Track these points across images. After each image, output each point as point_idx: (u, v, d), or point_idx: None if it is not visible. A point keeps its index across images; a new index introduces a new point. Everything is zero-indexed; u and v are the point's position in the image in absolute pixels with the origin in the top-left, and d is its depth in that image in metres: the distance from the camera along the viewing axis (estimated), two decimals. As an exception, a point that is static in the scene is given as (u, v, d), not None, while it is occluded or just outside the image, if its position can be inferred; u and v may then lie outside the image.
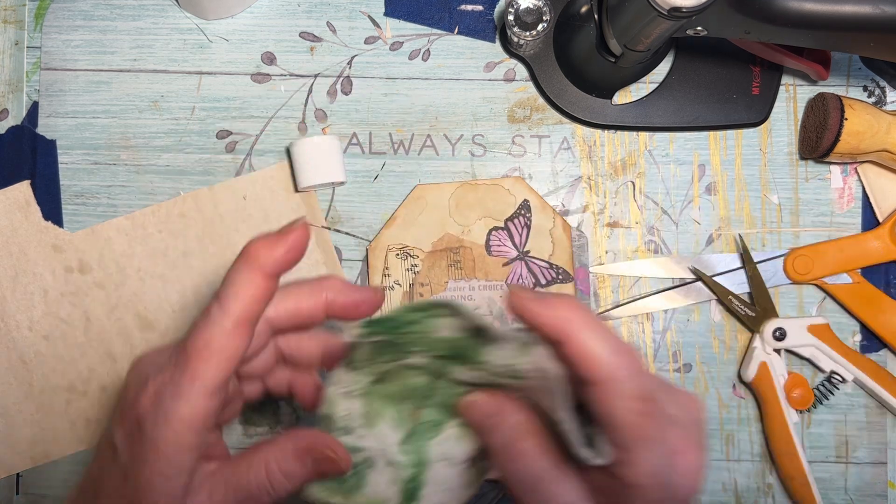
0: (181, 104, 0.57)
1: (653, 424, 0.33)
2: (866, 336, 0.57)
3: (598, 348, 0.33)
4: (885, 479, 0.56)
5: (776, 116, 0.57)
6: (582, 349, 0.33)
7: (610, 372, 0.33)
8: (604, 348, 0.33)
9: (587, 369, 0.33)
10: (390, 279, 0.56)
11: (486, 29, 0.57)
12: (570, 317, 0.33)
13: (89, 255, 0.56)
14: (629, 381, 0.33)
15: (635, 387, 0.33)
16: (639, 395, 0.33)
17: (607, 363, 0.33)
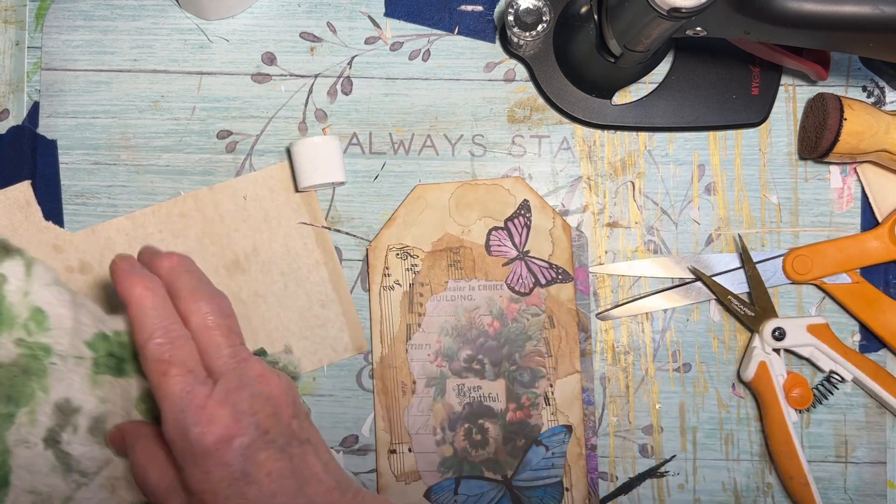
0: (181, 104, 0.57)
1: (173, 383, 0.40)
2: (865, 336, 0.57)
3: (140, 320, 0.41)
4: (884, 479, 0.56)
5: (776, 116, 0.57)
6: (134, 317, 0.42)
7: (143, 338, 0.41)
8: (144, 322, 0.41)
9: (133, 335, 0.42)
10: (390, 279, 0.56)
11: (486, 29, 0.57)
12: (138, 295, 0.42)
13: (90, 255, 0.56)
14: (155, 346, 0.41)
15: (159, 350, 0.41)
16: (161, 357, 0.40)
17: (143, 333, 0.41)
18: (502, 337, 0.56)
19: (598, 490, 0.56)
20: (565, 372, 0.55)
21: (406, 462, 0.55)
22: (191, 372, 0.41)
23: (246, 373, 0.42)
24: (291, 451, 0.41)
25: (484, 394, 0.55)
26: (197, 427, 0.39)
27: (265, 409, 0.41)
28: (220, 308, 0.43)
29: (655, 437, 0.57)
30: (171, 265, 0.44)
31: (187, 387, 0.40)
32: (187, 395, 0.40)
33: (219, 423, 0.39)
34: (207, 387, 0.41)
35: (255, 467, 0.40)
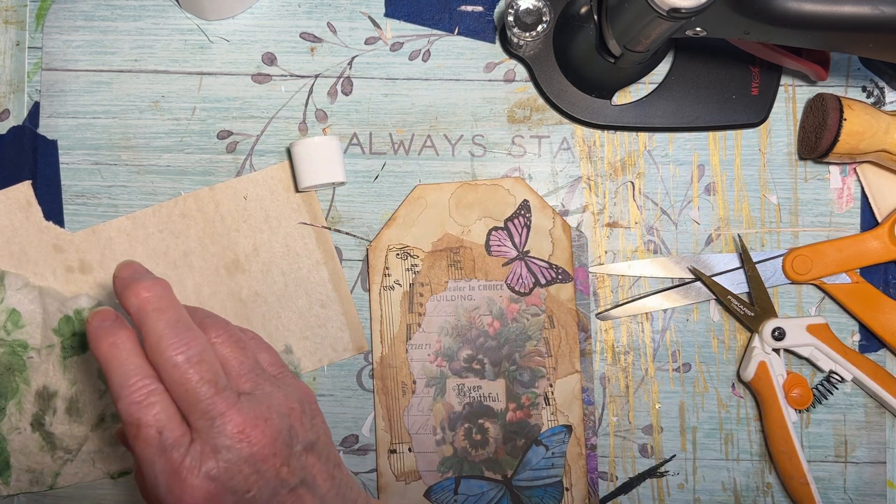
0: (182, 104, 0.57)
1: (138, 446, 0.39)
2: (865, 336, 0.57)
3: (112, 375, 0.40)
4: (884, 479, 0.57)
5: (775, 117, 0.57)
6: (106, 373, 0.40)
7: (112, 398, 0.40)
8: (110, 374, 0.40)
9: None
10: (390, 279, 0.56)
11: (485, 29, 0.57)
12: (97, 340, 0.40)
13: (90, 255, 0.56)
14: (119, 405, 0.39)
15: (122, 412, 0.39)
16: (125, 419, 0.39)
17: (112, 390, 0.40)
18: (502, 337, 0.56)
19: (597, 490, 0.56)
20: (565, 372, 0.55)
21: (406, 462, 0.55)
22: (161, 433, 0.38)
23: (223, 431, 0.38)
24: (280, 501, 0.40)
25: (484, 394, 0.55)
26: (170, 496, 0.38)
27: (244, 471, 0.38)
28: (189, 356, 0.39)
29: (655, 437, 0.57)
30: (138, 304, 0.40)
31: (157, 451, 0.38)
32: (158, 459, 0.38)
33: (192, 496, 0.37)
34: (179, 451, 0.38)
35: None
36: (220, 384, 0.39)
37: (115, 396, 0.39)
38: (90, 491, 0.56)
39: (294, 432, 0.40)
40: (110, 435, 0.55)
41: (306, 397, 0.43)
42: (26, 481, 0.55)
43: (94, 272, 0.56)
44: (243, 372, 0.41)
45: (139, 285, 0.40)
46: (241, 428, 0.38)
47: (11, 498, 0.55)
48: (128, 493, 0.56)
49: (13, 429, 0.54)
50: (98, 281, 0.55)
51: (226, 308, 0.56)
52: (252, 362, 0.42)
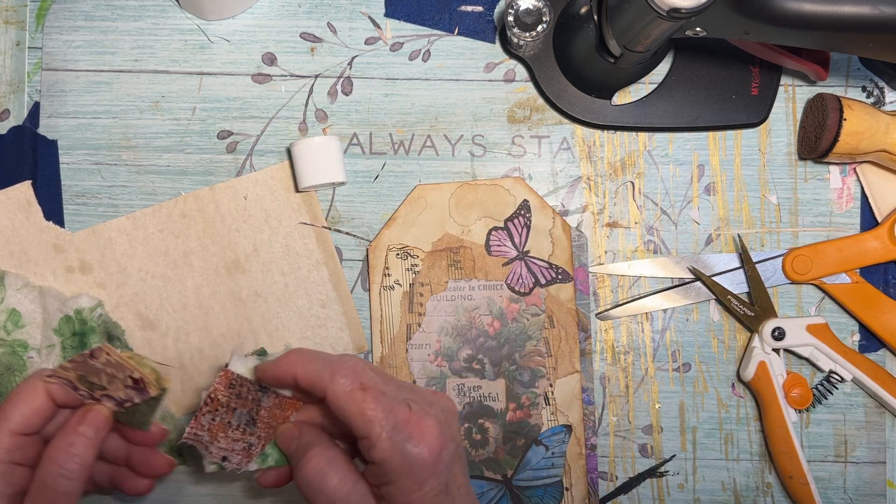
0: (182, 104, 0.57)
1: (375, 405, 0.40)
2: (865, 336, 0.57)
3: (315, 370, 0.42)
4: (883, 479, 0.57)
5: (775, 117, 0.57)
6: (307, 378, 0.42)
7: (326, 380, 0.41)
8: (321, 369, 0.42)
9: (315, 389, 0.42)
10: (390, 279, 0.56)
11: (485, 29, 0.57)
12: (294, 360, 0.43)
13: (90, 255, 0.56)
14: (344, 378, 0.41)
15: (350, 381, 0.41)
16: (355, 386, 0.41)
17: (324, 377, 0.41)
18: (502, 337, 0.56)
19: (597, 490, 0.56)
20: (565, 372, 0.55)
21: (406, 462, 0.55)
22: (383, 393, 0.41)
23: (424, 394, 0.43)
24: (466, 468, 0.43)
25: (484, 393, 0.55)
26: (411, 441, 0.40)
27: (454, 424, 0.43)
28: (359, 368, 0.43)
29: (655, 437, 0.57)
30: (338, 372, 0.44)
31: (387, 406, 0.41)
32: (391, 413, 0.40)
33: (431, 436, 0.40)
34: (404, 405, 0.41)
35: (452, 480, 0.41)
36: None
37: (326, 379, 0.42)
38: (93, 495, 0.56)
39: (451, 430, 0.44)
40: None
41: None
42: None
43: (94, 272, 0.56)
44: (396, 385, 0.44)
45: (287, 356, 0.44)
46: (433, 391, 0.44)
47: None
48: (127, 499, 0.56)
49: None
50: (98, 281, 0.55)
51: (226, 308, 0.56)
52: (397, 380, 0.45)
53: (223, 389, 0.44)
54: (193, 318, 0.56)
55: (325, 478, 0.41)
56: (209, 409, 0.44)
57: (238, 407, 0.45)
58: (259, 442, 0.45)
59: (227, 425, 0.44)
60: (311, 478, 0.41)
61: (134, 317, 0.55)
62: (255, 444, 0.45)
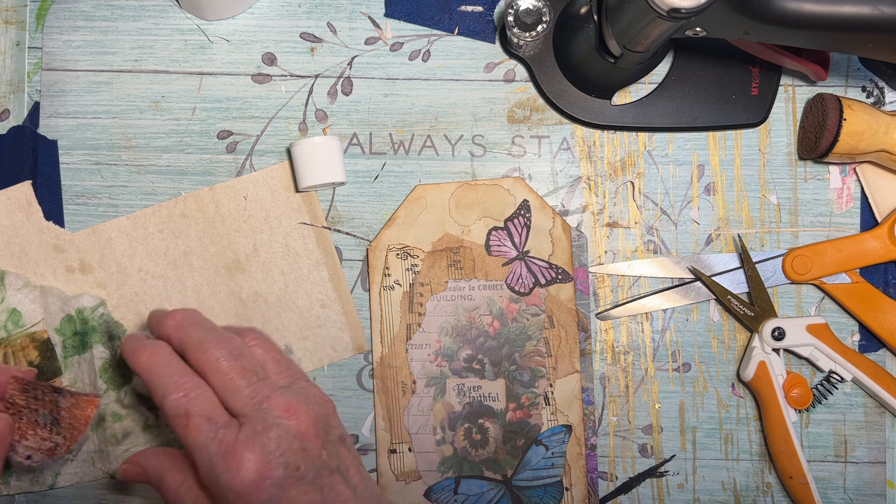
0: (182, 104, 0.57)
1: (196, 435, 0.41)
2: (865, 336, 0.57)
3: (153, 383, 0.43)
4: (883, 479, 0.57)
5: (775, 117, 0.57)
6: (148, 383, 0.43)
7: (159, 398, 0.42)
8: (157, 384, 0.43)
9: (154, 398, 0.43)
10: (390, 279, 0.56)
11: (485, 30, 0.57)
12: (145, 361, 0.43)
13: (90, 255, 0.56)
14: (172, 403, 0.42)
15: (175, 406, 0.42)
16: (179, 412, 0.41)
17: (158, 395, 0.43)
18: (502, 337, 0.56)
19: (597, 490, 0.56)
20: (565, 372, 0.55)
21: (406, 461, 0.55)
22: (210, 419, 0.41)
23: (270, 411, 0.42)
24: (321, 483, 0.42)
25: (484, 393, 0.55)
26: (227, 473, 0.40)
27: (293, 447, 0.41)
28: (230, 351, 0.43)
29: (655, 437, 0.57)
30: (175, 323, 0.45)
31: (210, 434, 0.41)
32: (212, 441, 0.41)
33: (247, 468, 0.40)
34: (232, 430, 0.41)
35: (288, 503, 0.41)
36: (261, 374, 0.44)
37: (160, 396, 0.42)
38: (90, 491, 0.56)
39: (330, 421, 0.44)
40: (111, 434, 0.55)
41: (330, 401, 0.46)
42: (27, 481, 0.55)
43: (95, 272, 0.56)
44: (280, 369, 0.45)
45: (173, 312, 0.46)
46: (286, 406, 0.42)
47: (11, 497, 0.55)
48: (128, 493, 0.56)
49: None
50: (98, 281, 0.55)
51: (226, 308, 0.56)
52: (286, 361, 0.45)
53: (19, 394, 0.46)
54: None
55: (182, 501, 0.43)
56: (12, 412, 0.46)
57: (39, 408, 0.46)
58: (64, 442, 0.47)
59: (35, 423, 0.46)
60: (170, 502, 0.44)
61: (134, 317, 0.56)
62: (60, 444, 0.47)
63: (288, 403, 0.42)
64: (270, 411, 0.42)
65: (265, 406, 0.42)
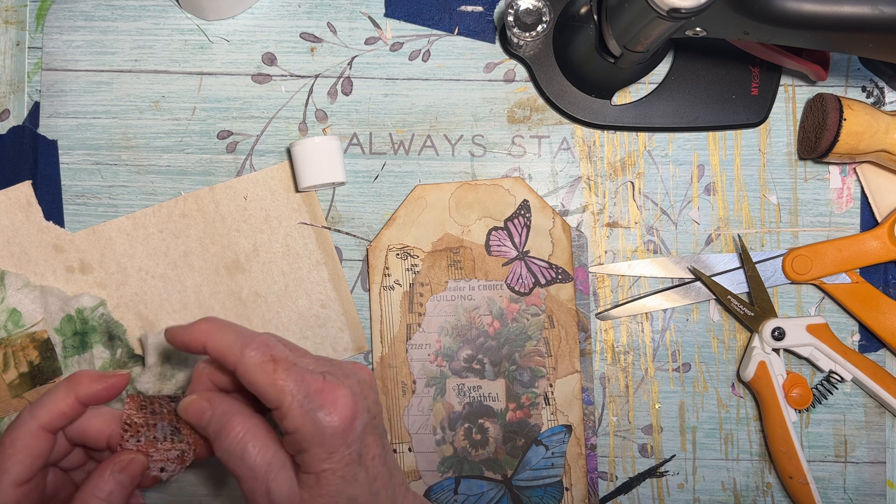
0: (182, 104, 0.57)
1: (286, 375, 0.41)
2: (865, 336, 0.57)
3: (226, 341, 0.42)
4: (883, 479, 0.57)
5: (775, 117, 0.57)
6: (216, 350, 0.42)
7: (237, 354, 0.41)
8: (231, 341, 0.42)
9: (225, 361, 0.42)
10: (390, 279, 0.56)
11: (485, 30, 0.57)
12: (205, 329, 0.42)
13: (90, 255, 0.56)
14: (255, 351, 0.41)
15: (260, 353, 0.41)
16: (265, 358, 0.41)
17: (234, 351, 0.41)
18: (502, 337, 0.56)
19: (597, 489, 0.56)
20: (565, 372, 0.55)
21: (406, 461, 0.55)
22: (294, 364, 0.41)
23: (341, 367, 0.43)
24: (382, 439, 0.43)
25: (484, 393, 0.55)
26: (323, 409, 0.40)
27: (370, 395, 0.43)
28: (271, 342, 0.43)
29: (655, 437, 0.57)
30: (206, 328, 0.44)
31: (299, 377, 0.41)
32: (303, 382, 0.41)
33: (343, 404, 0.41)
34: (317, 375, 0.41)
35: (365, 450, 0.42)
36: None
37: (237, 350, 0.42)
38: (90, 491, 0.56)
39: (373, 391, 0.45)
40: None
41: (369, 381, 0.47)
42: None
43: (95, 272, 0.56)
44: (313, 359, 0.44)
45: (198, 323, 0.44)
46: (353, 362, 0.44)
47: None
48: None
49: None
50: (98, 281, 0.55)
51: (226, 308, 0.56)
52: (314, 354, 0.45)
53: (136, 412, 0.45)
54: (193, 318, 0.55)
55: (246, 447, 0.41)
56: (130, 433, 0.45)
57: (158, 422, 0.46)
58: (190, 448, 0.46)
59: (154, 440, 0.45)
60: (231, 448, 0.42)
61: (134, 317, 0.55)
62: (186, 451, 0.46)
63: (352, 365, 0.44)
64: (342, 367, 0.43)
65: (336, 363, 0.43)
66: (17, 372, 0.54)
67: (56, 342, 0.54)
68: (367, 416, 0.42)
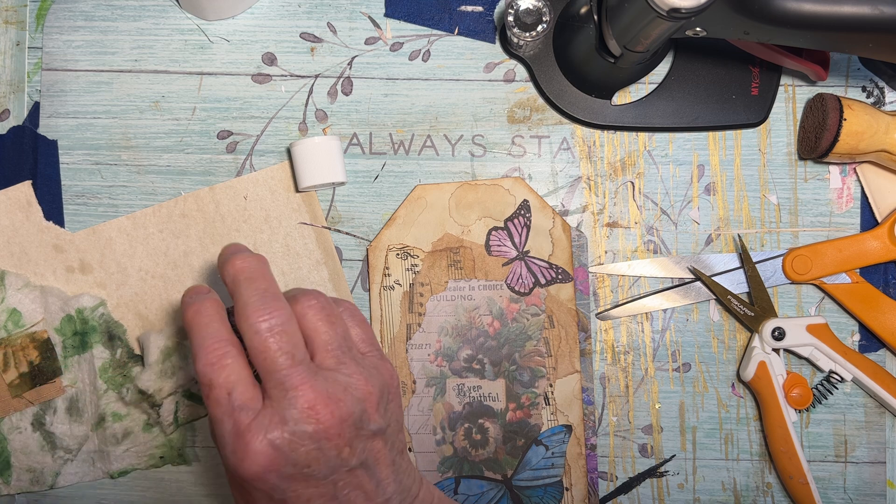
0: (182, 104, 0.57)
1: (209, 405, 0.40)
2: (865, 336, 0.57)
3: (190, 338, 0.41)
4: (883, 479, 0.57)
5: (775, 117, 0.57)
6: None
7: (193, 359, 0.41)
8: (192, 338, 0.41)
9: None
10: (390, 279, 0.56)
11: (485, 30, 0.57)
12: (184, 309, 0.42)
13: (90, 255, 0.56)
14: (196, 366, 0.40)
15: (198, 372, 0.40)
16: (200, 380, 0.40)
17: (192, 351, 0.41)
18: (502, 337, 0.56)
19: (597, 489, 0.56)
20: (565, 372, 0.55)
21: (406, 462, 0.55)
22: (230, 394, 0.39)
23: (293, 404, 0.39)
24: (336, 478, 0.40)
25: (484, 393, 0.55)
26: (233, 457, 0.39)
27: (306, 446, 0.39)
28: (273, 323, 0.40)
29: (655, 437, 0.57)
30: (233, 273, 0.41)
31: (226, 410, 0.39)
32: (226, 419, 0.39)
33: (253, 460, 0.38)
34: (247, 414, 0.39)
35: (293, 495, 0.39)
36: (298, 357, 0.40)
37: (193, 358, 0.40)
38: (90, 491, 0.56)
39: (366, 417, 0.40)
40: (111, 434, 0.55)
41: (389, 382, 0.43)
42: (27, 481, 0.55)
43: (95, 272, 0.56)
44: (330, 347, 0.41)
45: (236, 257, 0.42)
46: (311, 404, 0.39)
47: (12, 497, 0.55)
48: (128, 493, 0.56)
49: (14, 428, 0.55)
50: (98, 281, 0.55)
51: (226, 308, 0.56)
52: (340, 337, 0.42)
53: None
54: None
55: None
56: None
57: None
58: None
59: None
60: None
61: (134, 317, 0.56)
62: None
63: (315, 400, 0.39)
64: (294, 404, 0.39)
65: (290, 396, 0.39)
66: (17, 372, 0.54)
67: (56, 342, 0.54)
68: (292, 469, 0.39)
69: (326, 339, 0.41)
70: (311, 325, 0.41)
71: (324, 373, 0.40)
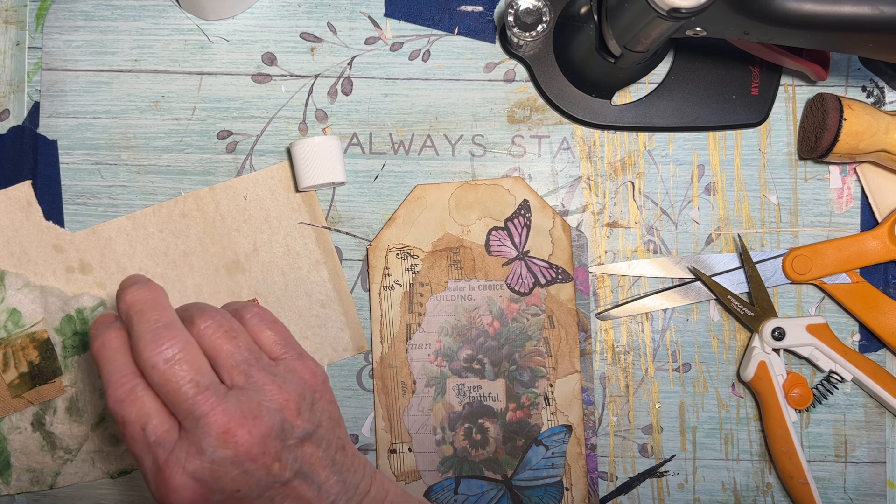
0: (182, 104, 0.57)
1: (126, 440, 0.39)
2: (865, 336, 0.57)
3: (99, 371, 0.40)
4: (883, 479, 0.57)
5: (775, 117, 0.57)
6: None
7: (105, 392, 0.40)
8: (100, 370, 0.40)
9: None
10: (390, 279, 0.56)
11: (485, 29, 0.57)
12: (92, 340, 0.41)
13: (90, 255, 0.56)
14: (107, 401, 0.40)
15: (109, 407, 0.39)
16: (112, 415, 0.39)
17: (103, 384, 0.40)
18: (502, 337, 0.56)
19: (597, 489, 0.56)
20: (565, 372, 0.55)
21: (406, 461, 0.55)
22: (144, 429, 0.38)
23: (207, 432, 0.37)
24: (272, 494, 0.39)
25: (484, 393, 0.55)
26: (158, 493, 0.38)
27: (230, 472, 0.37)
28: (168, 355, 0.38)
29: (655, 437, 0.57)
30: (125, 308, 0.40)
31: (143, 448, 0.38)
32: (145, 455, 0.38)
33: (177, 495, 0.37)
34: (164, 448, 0.38)
35: None
36: (204, 382, 0.38)
37: (105, 392, 0.39)
38: (90, 491, 0.56)
39: (288, 426, 0.39)
40: (110, 434, 0.55)
41: (309, 381, 0.41)
42: (26, 481, 0.55)
43: (95, 272, 0.56)
44: (235, 363, 0.40)
45: (126, 291, 0.40)
46: (225, 429, 0.37)
47: (12, 497, 0.55)
48: (128, 493, 0.56)
49: (14, 428, 0.55)
50: (98, 281, 0.55)
51: (226, 308, 0.56)
52: (245, 350, 0.40)
53: None
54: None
55: None
56: None
57: None
58: None
59: None
60: None
61: (134, 317, 0.56)
62: None
63: (228, 424, 0.37)
64: (208, 432, 0.37)
65: (202, 425, 0.37)
66: (17, 372, 0.54)
67: (56, 342, 0.54)
68: (221, 497, 0.38)
69: (229, 356, 0.40)
70: (211, 345, 0.40)
71: (234, 392, 0.39)
